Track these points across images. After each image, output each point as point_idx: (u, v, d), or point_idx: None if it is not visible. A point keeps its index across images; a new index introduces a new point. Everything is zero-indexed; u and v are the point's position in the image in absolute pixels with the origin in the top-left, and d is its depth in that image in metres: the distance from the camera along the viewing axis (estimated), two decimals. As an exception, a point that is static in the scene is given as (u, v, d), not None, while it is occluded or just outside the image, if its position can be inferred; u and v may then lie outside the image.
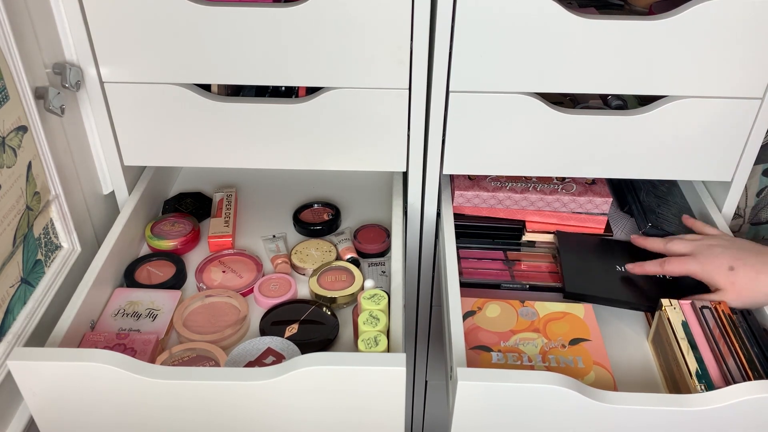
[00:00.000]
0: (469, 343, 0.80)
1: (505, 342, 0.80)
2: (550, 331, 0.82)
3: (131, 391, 0.68)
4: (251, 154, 0.91)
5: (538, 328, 0.82)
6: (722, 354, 0.75)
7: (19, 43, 0.73)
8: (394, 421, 0.70)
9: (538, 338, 0.81)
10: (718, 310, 0.80)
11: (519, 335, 0.81)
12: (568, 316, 0.84)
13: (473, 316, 0.84)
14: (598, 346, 0.80)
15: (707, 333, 0.78)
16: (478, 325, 0.82)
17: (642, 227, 0.96)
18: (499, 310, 0.85)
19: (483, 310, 0.84)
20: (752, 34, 0.79)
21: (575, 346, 0.80)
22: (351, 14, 0.79)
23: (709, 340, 0.77)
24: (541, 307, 0.85)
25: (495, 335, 0.81)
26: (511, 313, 0.84)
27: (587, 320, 0.83)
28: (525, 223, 0.97)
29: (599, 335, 0.82)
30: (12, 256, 0.74)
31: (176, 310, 0.84)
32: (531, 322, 0.83)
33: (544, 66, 0.82)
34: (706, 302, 0.81)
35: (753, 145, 0.88)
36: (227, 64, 0.83)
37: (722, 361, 0.75)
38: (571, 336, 0.81)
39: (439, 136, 0.88)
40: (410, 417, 1.27)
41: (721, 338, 0.77)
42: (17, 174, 0.75)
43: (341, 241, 0.98)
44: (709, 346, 0.76)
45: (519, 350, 0.79)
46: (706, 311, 0.80)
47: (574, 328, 0.82)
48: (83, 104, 0.88)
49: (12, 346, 0.73)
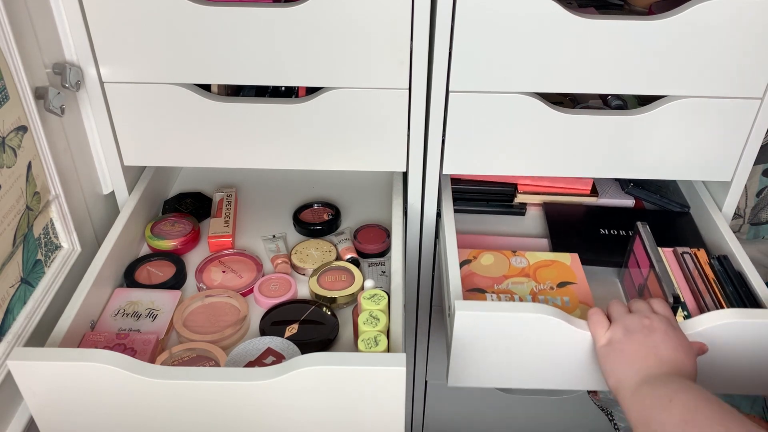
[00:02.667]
0: (465, 287, 0.86)
1: (498, 285, 0.88)
2: (540, 275, 0.90)
3: (131, 391, 0.68)
4: (251, 154, 0.91)
5: (529, 274, 0.90)
6: (700, 291, 0.82)
7: (19, 43, 0.73)
8: (394, 421, 0.70)
9: (529, 282, 0.89)
10: (697, 256, 0.87)
11: (511, 279, 0.89)
12: (556, 263, 0.92)
13: (469, 264, 0.91)
14: (584, 289, 0.88)
15: (687, 274, 0.85)
16: (474, 272, 0.90)
17: (624, 187, 1.05)
18: (492, 258, 0.92)
19: (478, 258, 0.92)
20: (752, 34, 0.79)
21: (562, 289, 0.88)
22: (351, 14, 0.79)
23: (689, 280, 0.85)
24: (531, 256, 0.93)
25: (489, 279, 0.89)
26: (504, 262, 0.92)
27: (574, 267, 0.91)
28: (517, 186, 1.05)
29: (584, 279, 0.89)
30: (12, 256, 0.74)
31: (176, 310, 0.84)
32: (522, 269, 0.91)
33: (544, 66, 0.82)
34: (686, 248, 0.88)
35: (753, 145, 0.88)
36: (227, 64, 0.83)
37: (700, 297, 0.82)
38: (558, 280, 0.89)
39: (439, 136, 0.88)
40: (410, 417, 1.27)
41: (699, 278, 0.84)
42: (17, 174, 0.75)
43: (341, 241, 0.98)
44: (689, 286, 0.84)
45: (511, 291, 0.87)
46: (686, 256, 0.87)
47: (562, 273, 0.90)
48: (83, 104, 0.88)
49: (12, 346, 0.73)
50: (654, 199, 1.04)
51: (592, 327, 0.74)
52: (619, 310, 0.75)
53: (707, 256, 0.87)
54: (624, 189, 1.05)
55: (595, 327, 0.74)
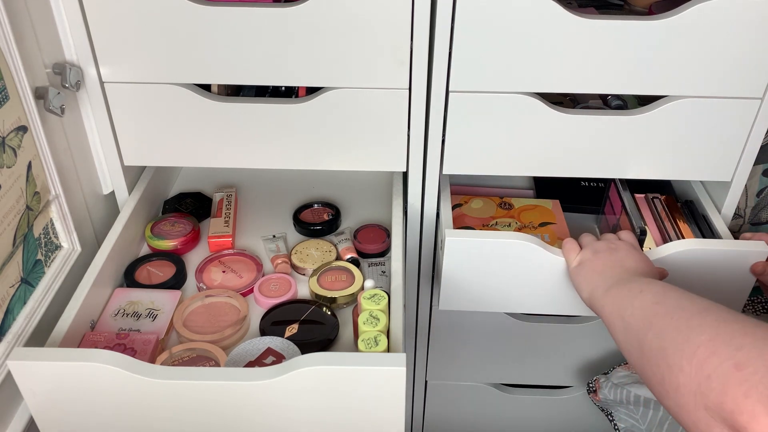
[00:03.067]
0: (456, 226, 0.97)
1: (485, 224, 0.99)
2: (524, 217, 1.02)
3: (131, 391, 0.68)
4: (251, 154, 0.91)
5: (514, 216, 1.02)
6: (666, 229, 0.93)
7: (19, 43, 0.73)
8: (394, 421, 0.70)
9: (514, 222, 1.00)
10: (666, 201, 0.98)
11: (497, 220, 1.00)
12: (539, 207, 1.03)
13: (460, 207, 1.02)
14: (562, 228, 0.99)
15: (655, 215, 0.95)
16: (464, 213, 1.01)
17: None
18: (481, 203, 1.04)
19: (468, 203, 1.03)
20: (752, 34, 0.79)
21: (543, 228, 0.99)
22: (351, 14, 0.79)
23: (657, 220, 0.95)
24: (517, 201, 1.05)
25: (478, 220, 1.00)
26: (491, 206, 1.03)
27: (555, 211, 1.03)
28: None
29: (563, 221, 1.01)
30: (12, 256, 0.74)
31: (176, 310, 0.84)
32: (508, 212, 1.02)
33: (544, 66, 0.82)
34: (656, 194, 0.99)
35: (753, 145, 0.88)
36: (227, 64, 0.83)
37: (665, 233, 0.92)
38: (540, 220, 1.01)
39: (439, 136, 0.88)
40: (410, 417, 1.27)
41: (667, 219, 0.95)
42: (17, 174, 0.75)
43: (341, 241, 0.98)
44: (656, 224, 0.94)
45: (497, 229, 0.98)
46: (656, 201, 0.98)
47: (543, 215, 1.02)
48: (83, 104, 0.88)
49: (12, 346, 0.73)
50: None
51: (566, 252, 0.84)
52: (588, 238, 0.85)
53: (675, 201, 0.98)
54: None
55: (567, 252, 0.83)
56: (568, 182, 1.10)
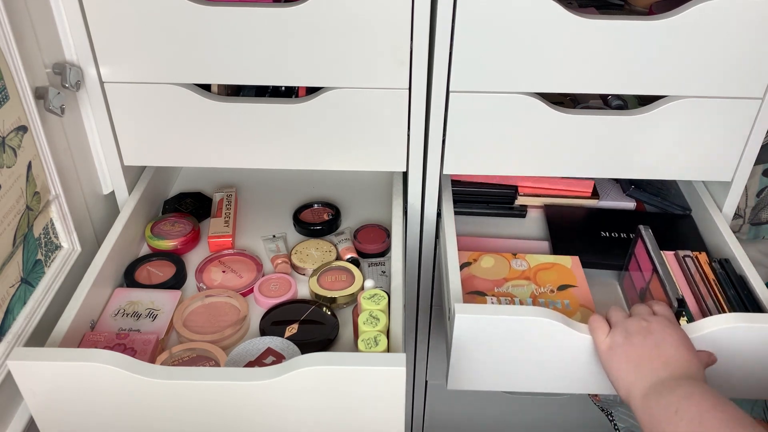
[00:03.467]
0: (465, 290, 0.86)
1: (498, 288, 0.87)
2: (540, 278, 0.89)
3: (131, 391, 0.68)
4: (251, 154, 0.91)
5: (529, 276, 0.89)
6: (702, 295, 0.82)
7: (19, 43, 0.73)
8: (394, 421, 0.70)
9: (529, 285, 0.88)
10: (698, 259, 0.86)
11: (511, 282, 0.88)
12: (557, 266, 0.91)
13: (469, 267, 0.90)
14: (584, 292, 0.87)
15: (688, 277, 0.85)
16: (474, 274, 0.89)
17: (626, 189, 1.05)
18: (492, 261, 0.91)
19: (478, 261, 0.91)
20: (752, 34, 0.79)
21: (563, 292, 0.87)
22: (351, 14, 0.78)
23: (690, 283, 0.84)
24: (531, 259, 0.92)
25: (489, 282, 0.88)
26: (504, 264, 0.91)
27: (574, 270, 0.90)
28: (517, 188, 1.04)
29: (585, 282, 0.88)
30: (12, 256, 0.74)
31: (176, 310, 0.84)
32: (522, 272, 0.90)
33: (544, 66, 0.82)
34: (687, 252, 0.87)
35: (753, 145, 0.88)
36: (227, 64, 0.83)
37: (702, 300, 0.81)
38: (559, 282, 0.88)
39: (439, 136, 0.88)
40: (410, 417, 1.27)
41: (701, 281, 0.84)
42: (17, 174, 0.75)
43: (341, 241, 0.98)
44: (691, 289, 0.83)
45: (511, 294, 0.86)
46: (687, 259, 0.87)
47: (562, 276, 0.89)
48: (83, 104, 0.88)
49: (12, 346, 0.73)
50: (655, 202, 1.03)
51: (593, 332, 0.74)
52: (618, 314, 0.75)
53: (708, 259, 0.86)
54: (625, 191, 1.05)
55: (595, 332, 0.73)
56: (586, 231, 0.99)
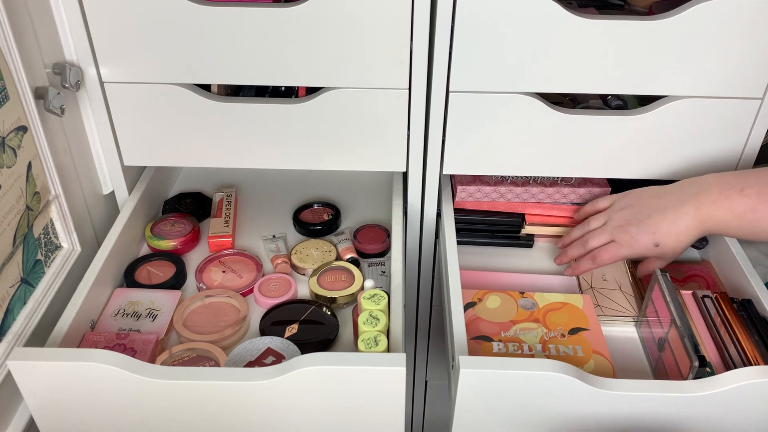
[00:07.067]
0: (470, 334, 0.81)
1: (505, 332, 0.82)
2: (550, 321, 0.83)
3: (131, 391, 0.68)
4: (251, 154, 0.91)
5: (538, 318, 0.83)
6: (723, 341, 0.76)
7: (19, 43, 0.73)
8: (394, 421, 0.70)
9: (538, 328, 0.82)
10: (719, 300, 0.80)
11: (519, 325, 0.82)
12: (567, 306, 0.85)
13: (474, 308, 0.85)
14: (597, 335, 0.81)
15: (708, 321, 0.79)
16: (479, 316, 0.84)
17: None
18: (499, 301, 0.86)
19: (483, 301, 0.86)
20: (752, 35, 0.79)
21: (574, 336, 0.81)
22: (351, 14, 0.79)
23: (710, 328, 0.78)
24: (540, 298, 0.86)
25: (495, 325, 0.82)
26: (511, 304, 0.85)
27: (586, 310, 0.84)
28: (524, 216, 0.98)
29: (598, 325, 0.82)
30: (12, 256, 0.74)
31: (176, 310, 0.84)
32: (531, 313, 0.84)
33: (543, 66, 0.82)
34: (707, 292, 0.82)
35: (753, 145, 0.88)
36: (227, 64, 0.83)
37: (723, 347, 0.75)
38: (570, 326, 0.82)
39: (439, 136, 0.88)
40: (410, 417, 1.26)
41: (722, 326, 0.77)
42: (17, 174, 0.75)
43: (341, 241, 0.98)
44: (710, 334, 0.77)
45: (519, 340, 0.81)
46: (707, 300, 0.81)
47: (573, 317, 0.84)
48: (83, 104, 0.88)
49: (12, 346, 0.73)
50: None
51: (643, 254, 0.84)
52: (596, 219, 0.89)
53: (729, 300, 0.81)
54: None
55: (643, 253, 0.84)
56: None
